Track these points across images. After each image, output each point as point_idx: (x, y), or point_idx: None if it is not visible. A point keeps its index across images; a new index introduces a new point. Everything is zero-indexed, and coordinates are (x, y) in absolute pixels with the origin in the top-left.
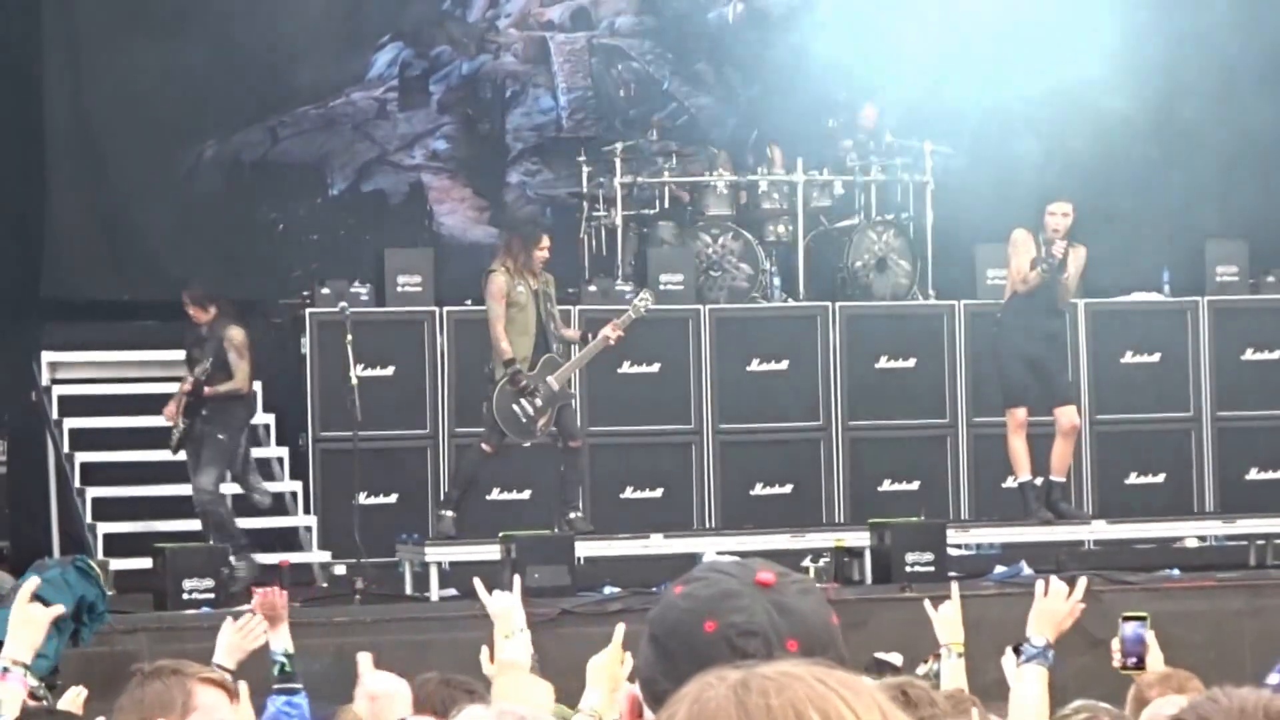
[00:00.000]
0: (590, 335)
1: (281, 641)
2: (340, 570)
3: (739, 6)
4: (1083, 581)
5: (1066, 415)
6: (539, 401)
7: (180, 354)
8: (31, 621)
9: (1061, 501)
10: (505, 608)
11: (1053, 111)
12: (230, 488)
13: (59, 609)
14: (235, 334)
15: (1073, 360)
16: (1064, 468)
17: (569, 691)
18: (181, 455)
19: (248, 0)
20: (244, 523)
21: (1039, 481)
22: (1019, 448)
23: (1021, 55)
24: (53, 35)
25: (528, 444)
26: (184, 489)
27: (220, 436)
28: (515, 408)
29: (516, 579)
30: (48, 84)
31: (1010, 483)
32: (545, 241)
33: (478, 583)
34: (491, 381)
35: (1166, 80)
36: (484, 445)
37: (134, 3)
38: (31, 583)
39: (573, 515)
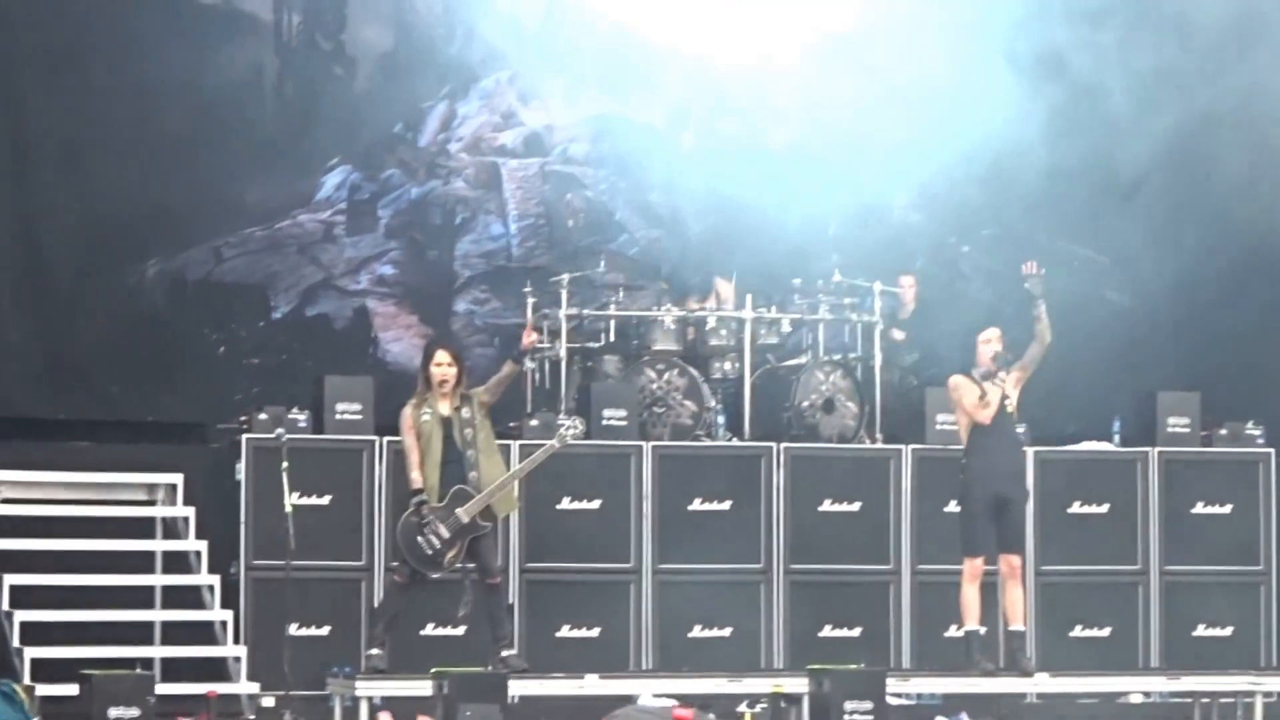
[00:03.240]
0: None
1: None
2: (269, 702)
3: (692, 138)
4: None
5: (1012, 560)
6: (446, 534)
7: (113, 476)
8: None
9: (1020, 652)
10: None
11: (1004, 257)
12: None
13: None
14: None
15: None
16: (1022, 614)
17: None
18: None
19: (197, 119)
20: (167, 651)
21: (984, 631)
22: (972, 596)
23: (968, 198)
24: (1, 149)
25: (435, 575)
26: (113, 614)
27: None
28: (419, 539)
29: None
30: None
31: (954, 631)
32: (440, 358)
33: None
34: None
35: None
36: (395, 576)
37: (83, 119)
38: None
39: (506, 653)
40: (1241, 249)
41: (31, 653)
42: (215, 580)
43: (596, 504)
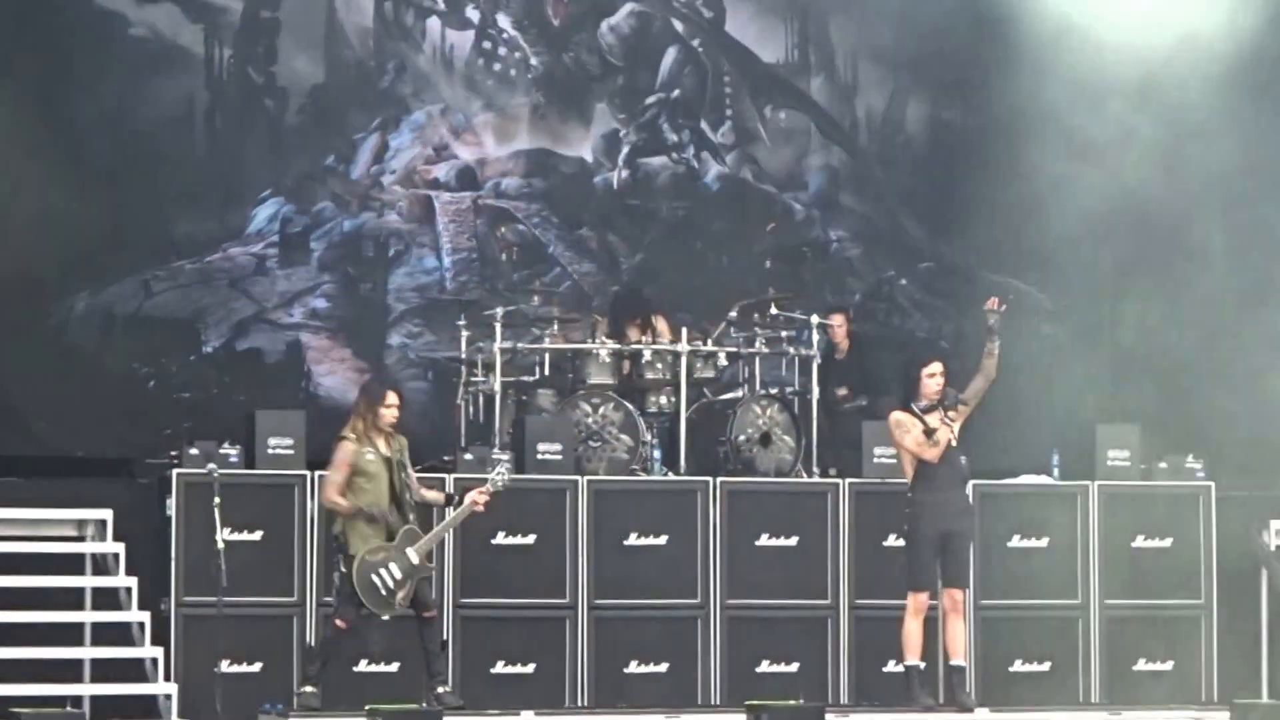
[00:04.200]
0: (457, 499)
1: None
2: None
3: (623, 173)
4: None
5: (956, 594)
6: (398, 574)
7: (42, 512)
8: None
9: (960, 687)
10: None
11: (945, 290)
12: None
13: None
14: None
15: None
16: (963, 649)
17: None
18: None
19: (127, 151)
20: (97, 689)
21: (924, 666)
22: (914, 630)
23: (908, 232)
24: None
25: (386, 616)
26: (42, 652)
27: None
28: (374, 578)
29: None
30: None
31: (894, 666)
32: (391, 399)
33: None
34: (341, 549)
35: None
36: (338, 621)
37: (9, 152)
38: None
39: (441, 690)
40: (1177, 281)
41: None
42: (146, 617)
43: (532, 539)
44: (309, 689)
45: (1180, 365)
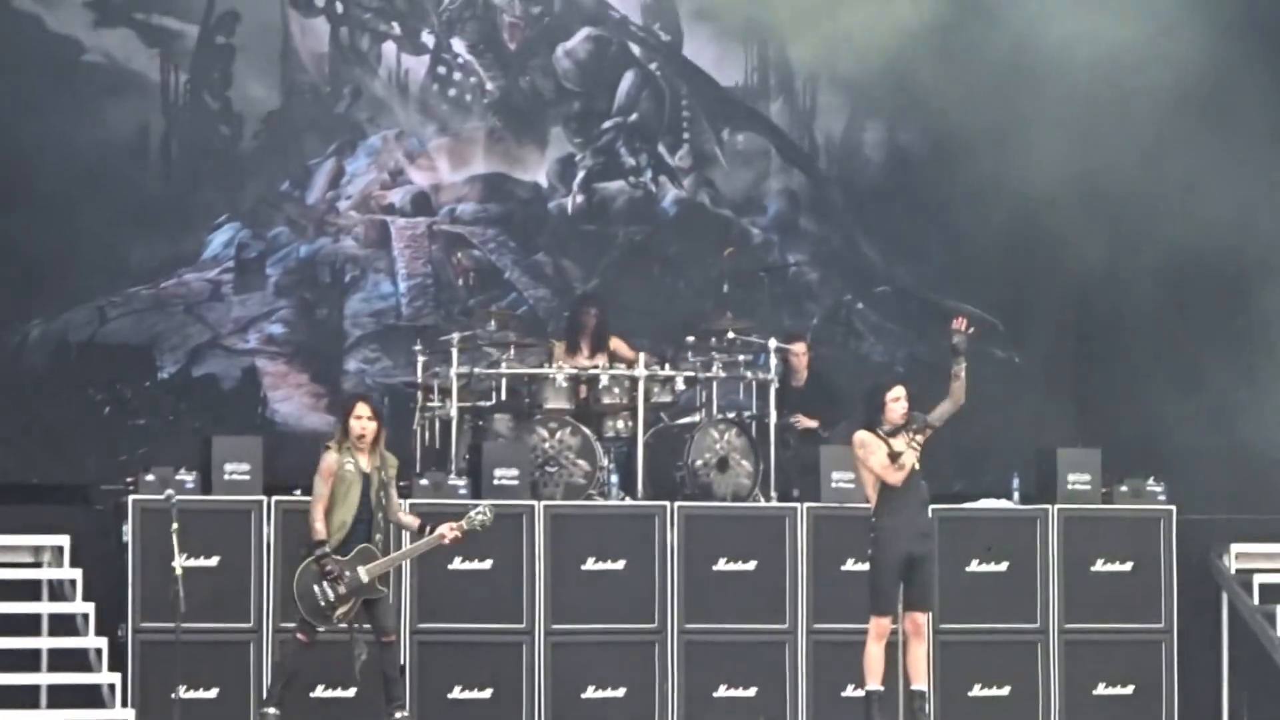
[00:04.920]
0: (429, 528)
1: None
2: None
3: (579, 198)
4: None
5: (918, 618)
6: (342, 589)
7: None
8: None
9: (921, 712)
10: None
11: (901, 315)
12: None
13: None
14: None
15: None
16: (924, 674)
17: None
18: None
19: (81, 177)
20: (54, 715)
21: (884, 691)
22: (876, 655)
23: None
24: None
25: (322, 629)
26: (11, 678)
27: None
28: (316, 588)
29: None
30: None
31: (852, 691)
32: (361, 410)
33: None
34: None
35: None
36: (299, 635)
37: None
38: None
39: (399, 715)
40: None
41: None
42: (103, 643)
43: (488, 564)
44: (271, 710)
45: (1141, 388)
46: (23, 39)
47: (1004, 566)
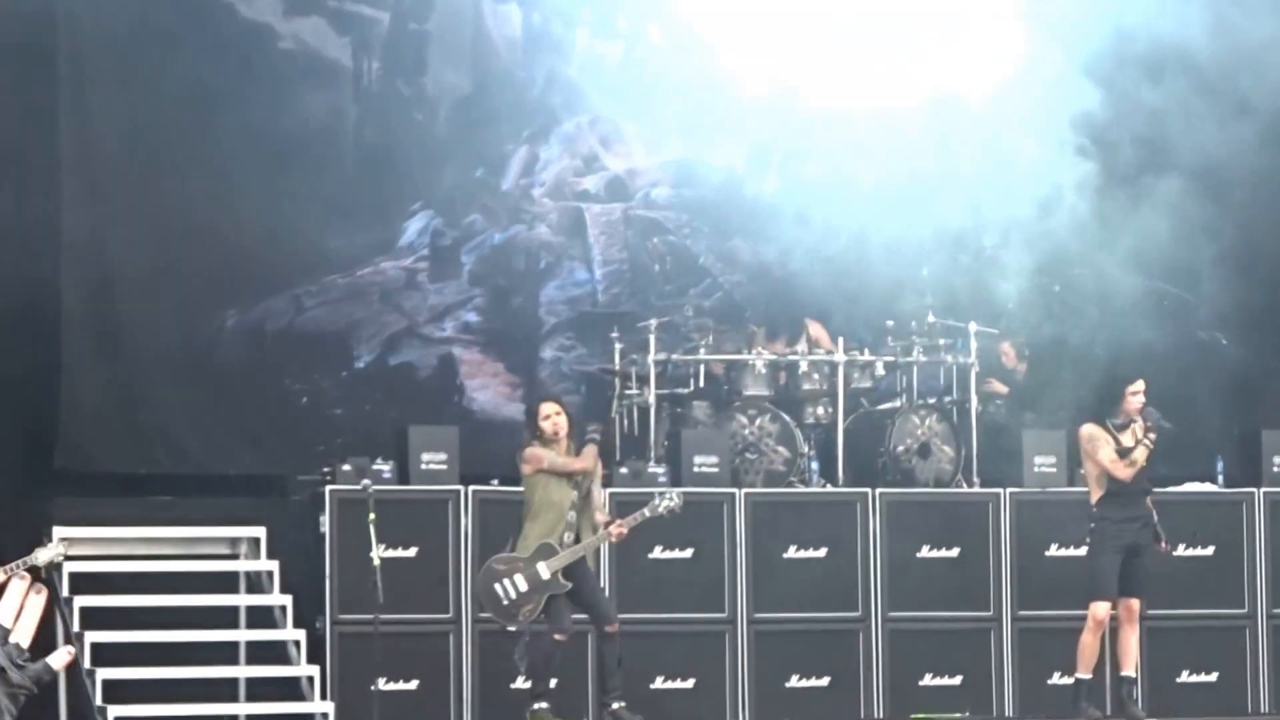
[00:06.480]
0: (607, 524)
1: None
2: None
3: (775, 181)
4: None
5: (1132, 604)
6: (524, 586)
7: (195, 531)
8: None
9: (1130, 701)
10: None
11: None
12: None
13: None
14: None
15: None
16: (1135, 660)
17: None
18: None
19: (275, 166)
20: (253, 708)
21: (1091, 678)
22: (1091, 644)
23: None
24: (73, 198)
25: (512, 628)
26: (197, 671)
27: None
28: (497, 587)
29: None
30: (67, 250)
31: (1057, 679)
32: (546, 409)
33: None
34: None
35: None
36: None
37: (158, 168)
38: None
39: (615, 705)
40: None
41: (115, 711)
42: (301, 635)
43: (689, 553)
44: (543, 705)
45: None
46: (217, 28)
47: (1210, 550)
